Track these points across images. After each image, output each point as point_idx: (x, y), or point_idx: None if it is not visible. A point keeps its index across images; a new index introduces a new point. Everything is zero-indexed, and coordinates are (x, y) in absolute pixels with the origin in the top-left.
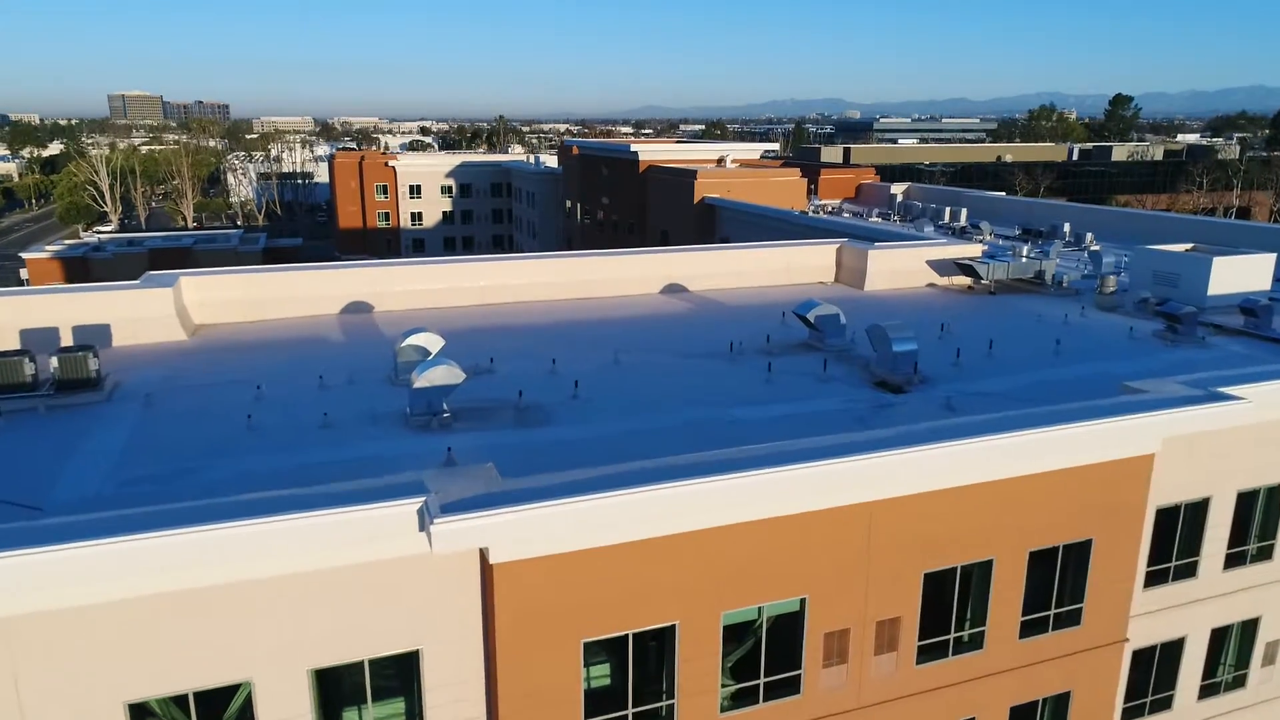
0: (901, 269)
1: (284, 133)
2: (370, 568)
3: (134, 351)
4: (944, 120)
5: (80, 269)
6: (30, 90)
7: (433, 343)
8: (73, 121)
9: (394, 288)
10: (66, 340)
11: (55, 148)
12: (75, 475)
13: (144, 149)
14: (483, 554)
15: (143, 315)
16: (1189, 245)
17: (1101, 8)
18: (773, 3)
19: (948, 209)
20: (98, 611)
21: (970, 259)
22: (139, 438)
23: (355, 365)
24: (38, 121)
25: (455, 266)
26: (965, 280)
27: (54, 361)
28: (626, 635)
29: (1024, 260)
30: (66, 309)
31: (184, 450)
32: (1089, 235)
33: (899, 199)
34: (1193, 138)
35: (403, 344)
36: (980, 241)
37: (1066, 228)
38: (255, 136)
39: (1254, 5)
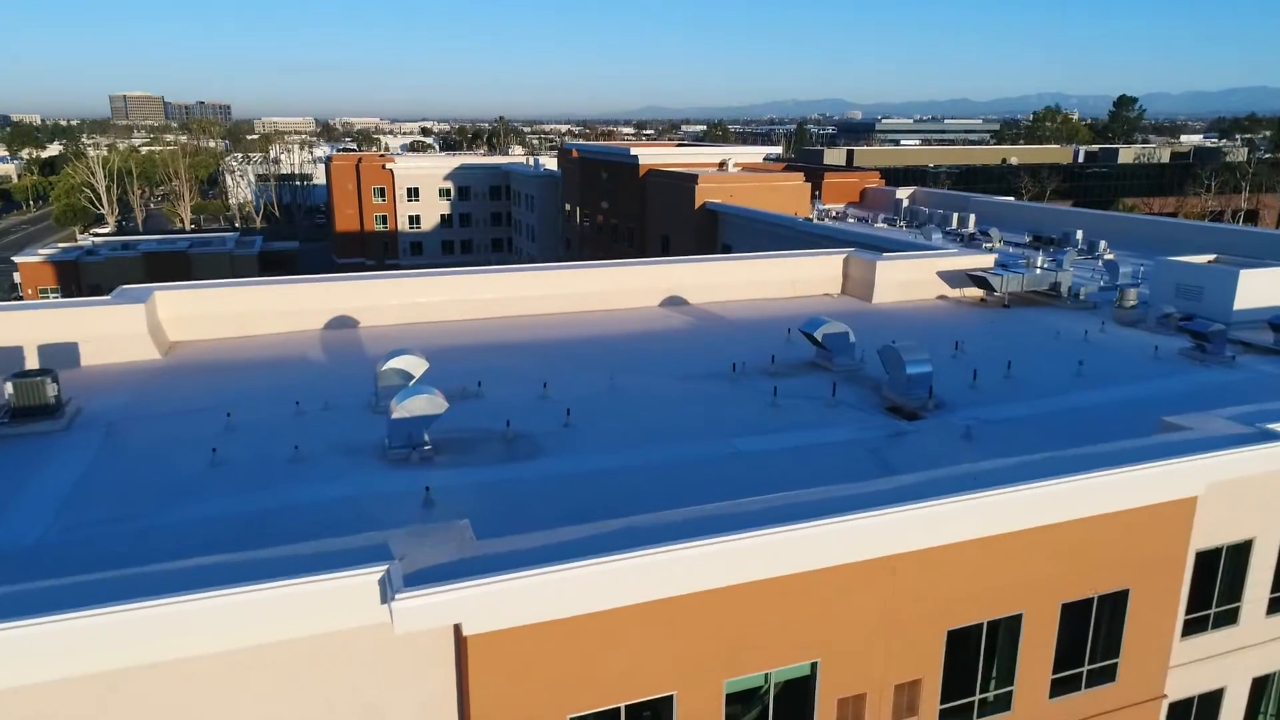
0: (911, 280)
1: (284, 133)
2: (327, 639)
3: (103, 372)
4: (946, 121)
5: (72, 272)
6: (32, 91)
7: (415, 366)
8: (72, 122)
9: (381, 302)
10: (32, 361)
11: (55, 149)
12: (18, 517)
13: (144, 150)
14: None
15: (113, 333)
16: (1212, 256)
17: (1103, 8)
18: (774, 3)
19: (955, 215)
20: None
21: (983, 270)
22: (94, 474)
23: (334, 388)
24: (39, 122)
25: (446, 279)
26: (978, 292)
27: (8, 387)
28: (618, 708)
29: (1039, 271)
30: (32, 327)
31: (141, 489)
32: (1103, 243)
33: (905, 204)
34: (1196, 139)
35: (383, 367)
36: (990, 249)
37: (1079, 235)
38: (256, 137)
39: (1257, 5)
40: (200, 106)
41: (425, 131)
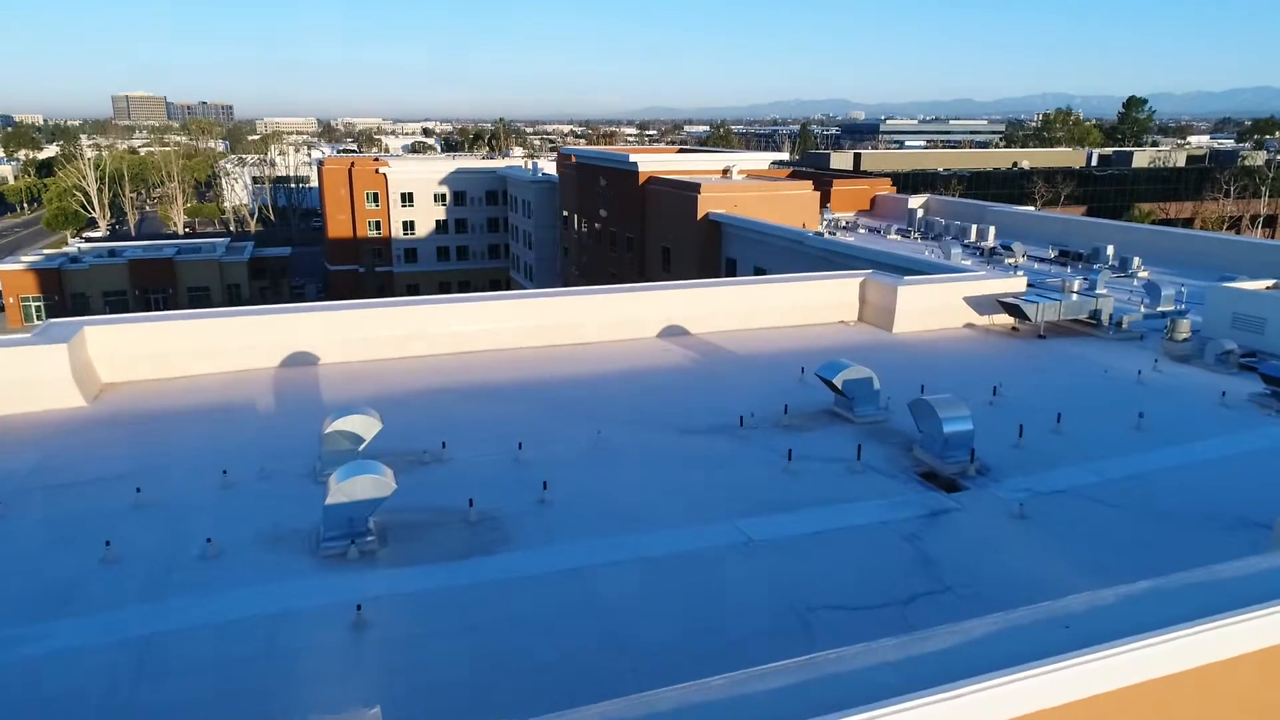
0: (935, 307)
1: (282, 134)
2: None
3: (16, 425)
4: (951, 122)
5: (54, 281)
6: (35, 92)
7: (367, 427)
8: (70, 123)
9: (343, 336)
10: None
11: (52, 150)
12: None
13: (143, 150)
14: None
15: (32, 377)
16: (1271, 282)
17: (1106, 8)
18: (778, 3)
19: (974, 227)
20: None
21: (1015, 297)
22: None
23: (276, 448)
24: (42, 122)
25: (417, 309)
26: (1008, 320)
27: None
28: None
29: (1076, 298)
30: None
31: (12, 598)
32: (1136, 260)
33: (919, 214)
34: (1204, 139)
35: (329, 429)
36: (1013, 266)
37: (1110, 250)
38: (257, 138)
39: (1261, 5)
40: (203, 107)
41: (427, 132)
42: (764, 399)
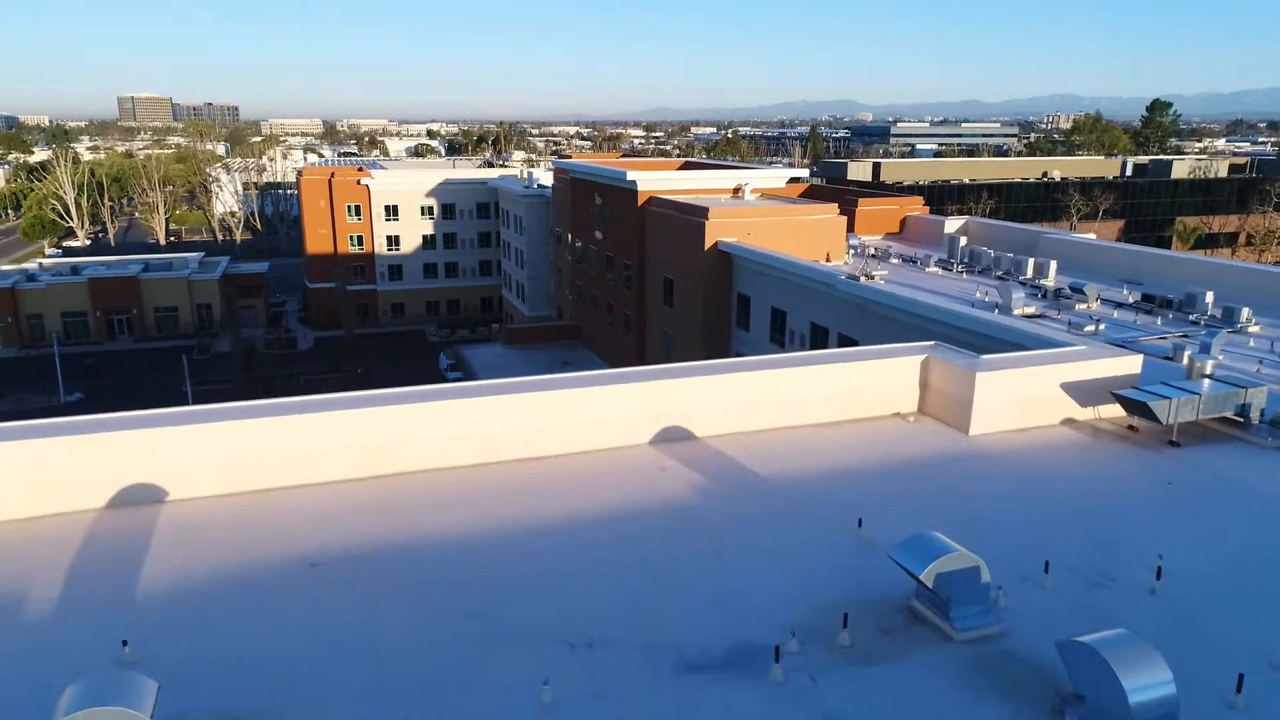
0: (1025, 398)
1: (278, 137)
2: None
3: None
4: (963, 125)
5: (8, 301)
6: (42, 92)
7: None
8: (73, 125)
9: (210, 457)
10: None
11: (46, 153)
12: None
13: (143, 153)
14: None
15: None
16: None
17: (1115, 8)
18: (783, 3)
19: (1030, 261)
20: None
21: (1138, 391)
22: None
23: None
24: (48, 123)
25: (319, 418)
26: (1118, 412)
27: None
28: None
29: (1211, 385)
30: None
31: None
32: (1245, 310)
33: (961, 241)
34: (1219, 143)
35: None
36: (1089, 315)
37: (1209, 297)
38: (260, 140)
39: (1270, 5)
40: (209, 108)
41: (431, 134)
42: (807, 589)
